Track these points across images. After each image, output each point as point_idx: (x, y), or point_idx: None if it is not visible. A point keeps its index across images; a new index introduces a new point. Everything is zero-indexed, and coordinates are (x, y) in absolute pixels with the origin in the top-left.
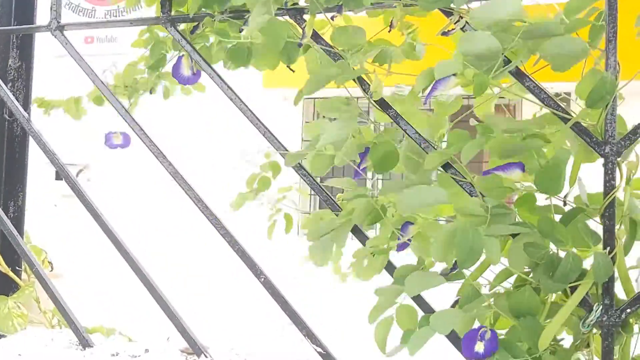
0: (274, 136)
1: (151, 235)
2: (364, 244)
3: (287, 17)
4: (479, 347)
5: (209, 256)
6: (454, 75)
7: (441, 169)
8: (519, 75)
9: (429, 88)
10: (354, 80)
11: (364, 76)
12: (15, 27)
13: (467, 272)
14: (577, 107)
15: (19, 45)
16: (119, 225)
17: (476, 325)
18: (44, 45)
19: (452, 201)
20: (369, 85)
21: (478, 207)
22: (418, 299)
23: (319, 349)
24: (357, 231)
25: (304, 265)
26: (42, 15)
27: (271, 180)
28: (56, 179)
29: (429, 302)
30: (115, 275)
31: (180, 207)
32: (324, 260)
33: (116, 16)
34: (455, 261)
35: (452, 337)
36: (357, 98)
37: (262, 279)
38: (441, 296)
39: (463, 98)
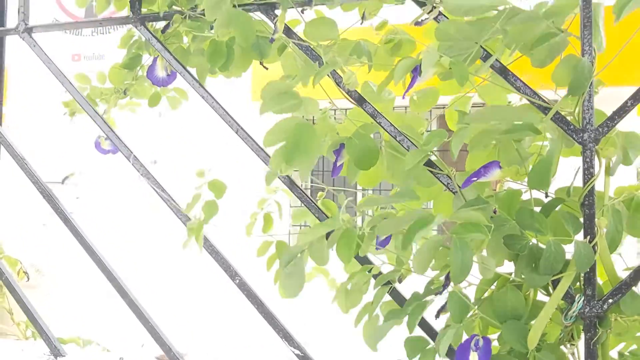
0: (249, 135)
1: (133, 245)
2: None
3: (258, 13)
4: (474, 358)
5: (190, 264)
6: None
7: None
8: (501, 70)
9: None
10: (328, 76)
11: (338, 71)
12: None
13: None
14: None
15: None
16: (97, 231)
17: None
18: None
19: (438, 203)
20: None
21: (481, 217)
22: (397, 296)
23: (297, 351)
24: None
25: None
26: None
27: (217, 203)
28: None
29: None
30: (102, 289)
31: (162, 218)
32: (295, 291)
33: (103, 33)
34: (447, 276)
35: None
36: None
37: (237, 281)
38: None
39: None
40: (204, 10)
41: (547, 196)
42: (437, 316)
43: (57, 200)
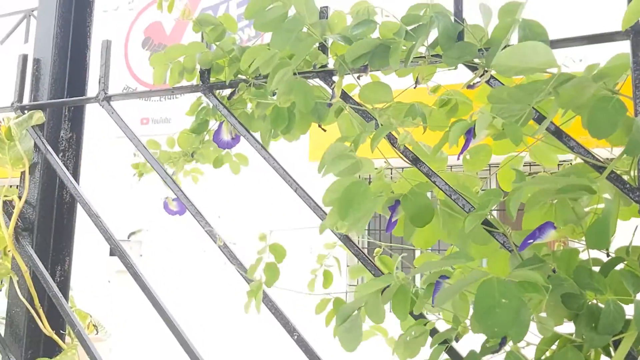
0: (307, 194)
1: (194, 301)
2: None
3: (317, 80)
4: None
5: (252, 319)
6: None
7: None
8: (556, 132)
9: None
10: (385, 137)
11: (393, 133)
12: (66, 99)
13: None
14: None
15: (70, 118)
16: (164, 289)
17: None
18: (106, 126)
19: (493, 261)
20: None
21: (538, 277)
22: (454, 355)
23: None
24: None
25: None
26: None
27: (278, 267)
28: (110, 255)
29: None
30: (165, 345)
31: (224, 271)
32: (354, 344)
33: (170, 98)
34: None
35: None
36: (402, 168)
37: (295, 337)
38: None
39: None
40: (265, 78)
41: (608, 255)
42: None
43: (128, 256)
